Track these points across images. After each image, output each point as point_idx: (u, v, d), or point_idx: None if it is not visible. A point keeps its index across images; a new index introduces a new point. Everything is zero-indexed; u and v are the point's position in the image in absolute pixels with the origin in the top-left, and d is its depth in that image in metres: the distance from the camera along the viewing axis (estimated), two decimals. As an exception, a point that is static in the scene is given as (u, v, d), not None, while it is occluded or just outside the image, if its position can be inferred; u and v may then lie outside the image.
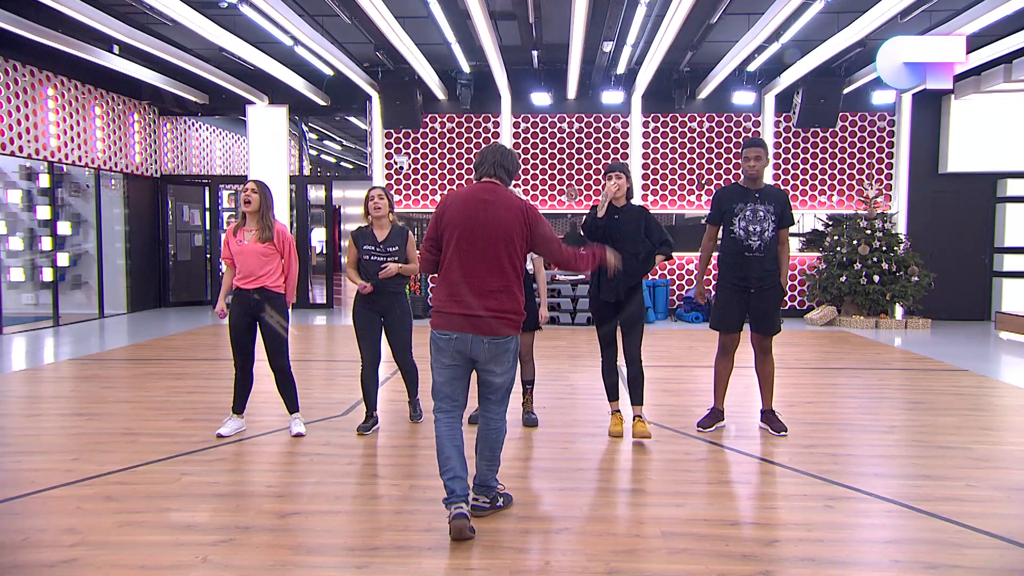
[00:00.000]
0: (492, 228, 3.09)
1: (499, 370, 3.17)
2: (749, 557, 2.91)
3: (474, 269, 3.09)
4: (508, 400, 3.31)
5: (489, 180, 3.23)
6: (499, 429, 3.28)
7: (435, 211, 3.24)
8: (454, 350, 3.11)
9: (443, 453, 3.14)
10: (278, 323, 4.49)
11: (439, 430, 3.19)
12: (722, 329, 4.68)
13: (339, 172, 21.50)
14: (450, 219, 3.14)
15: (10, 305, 10.09)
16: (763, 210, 4.51)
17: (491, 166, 3.23)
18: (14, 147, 9.19)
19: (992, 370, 7.17)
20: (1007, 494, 3.64)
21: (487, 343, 3.09)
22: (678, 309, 11.42)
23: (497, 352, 3.11)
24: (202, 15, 7.93)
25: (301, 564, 2.85)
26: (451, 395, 3.20)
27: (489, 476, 3.30)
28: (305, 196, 12.42)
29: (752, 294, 4.56)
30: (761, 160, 4.51)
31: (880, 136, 11.45)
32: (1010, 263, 11.31)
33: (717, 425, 4.82)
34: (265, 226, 4.46)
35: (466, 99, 11.14)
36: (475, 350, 3.10)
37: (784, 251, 4.64)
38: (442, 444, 3.16)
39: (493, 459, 3.29)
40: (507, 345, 3.13)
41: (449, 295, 3.12)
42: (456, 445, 3.15)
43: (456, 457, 3.12)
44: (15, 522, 3.24)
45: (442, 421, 3.20)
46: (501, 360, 3.15)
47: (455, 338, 3.09)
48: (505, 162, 3.24)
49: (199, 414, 5.14)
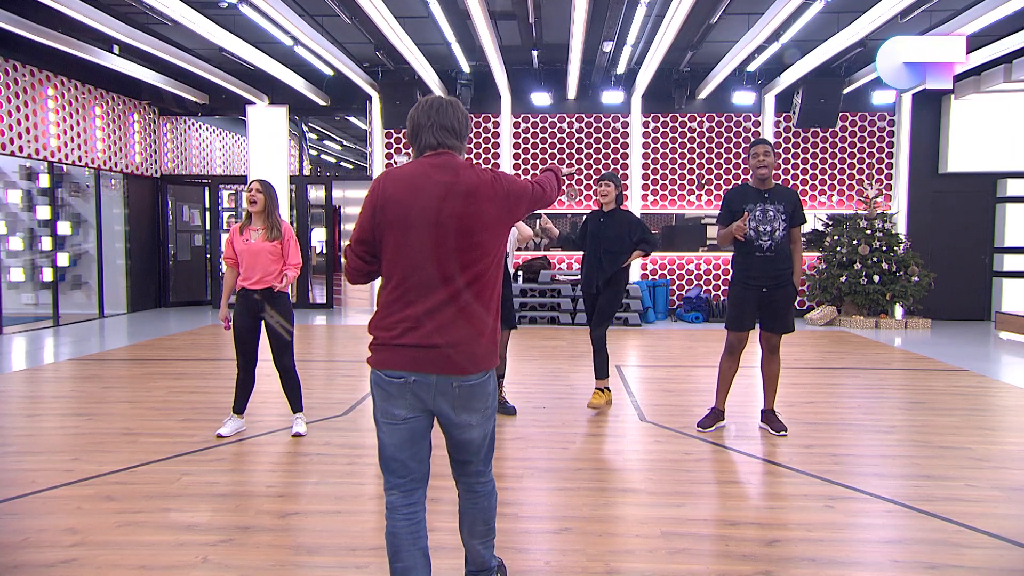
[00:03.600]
0: (462, 218, 2.14)
1: (476, 420, 2.24)
2: (749, 557, 2.91)
3: (439, 279, 2.14)
4: (492, 454, 2.41)
5: (435, 152, 2.24)
6: (490, 494, 2.41)
7: (366, 201, 2.23)
8: (412, 397, 2.16)
9: (400, 561, 2.19)
10: (280, 324, 4.49)
11: (394, 526, 2.21)
12: (733, 327, 4.68)
13: (339, 172, 21.51)
14: (394, 212, 2.16)
15: (10, 305, 10.09)
16: (773, 210, 4.52)
17: (432, 132, 2.23)
18: (14, 147, 9.19)
19: (992, 370, 7.17)
20: (1007, 494, 3.64)
21: (458, 385, 2.16)
22: (678, 309, 11.42)
23: (471, 396, 2.19)
24: (202, 15, 7.93)
25: (301, 564, 2.85)
26: (407, 464, 2.22)
27: (487, 555, 2.48)
28: (305, 196, 12.43)
29: (764, 293, 4.56)
30: (770, 156, 4.52)
31: (880, 136, 11.45)
32: (1010, 263, 11.31)
33: (717, 425, 4.83)
34: (272, 225, 4.47)
35: (466, 99, 11.14)
36: (440, 396, 2.16)
37: (797, 250, 4.65)
38: (399, 547, 2.20)
39: (489, 532, 2.44)
40: (484, 386, 2.22)
41: (403, 320, 2.15)
42: (420, 548, 2.23)
43: (422, 566, 2.22)
44: (15, 522, 3.24)
45: (398, 511, 2.22)
46: (477, 406, 2.22)
47: (412, 381, 2.14)
48: (449, 121, 2.24)
49: (199, 414, 5.14)
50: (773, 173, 4.59)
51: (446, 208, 2.14)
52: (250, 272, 4.44)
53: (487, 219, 2.18)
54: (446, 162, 2.22)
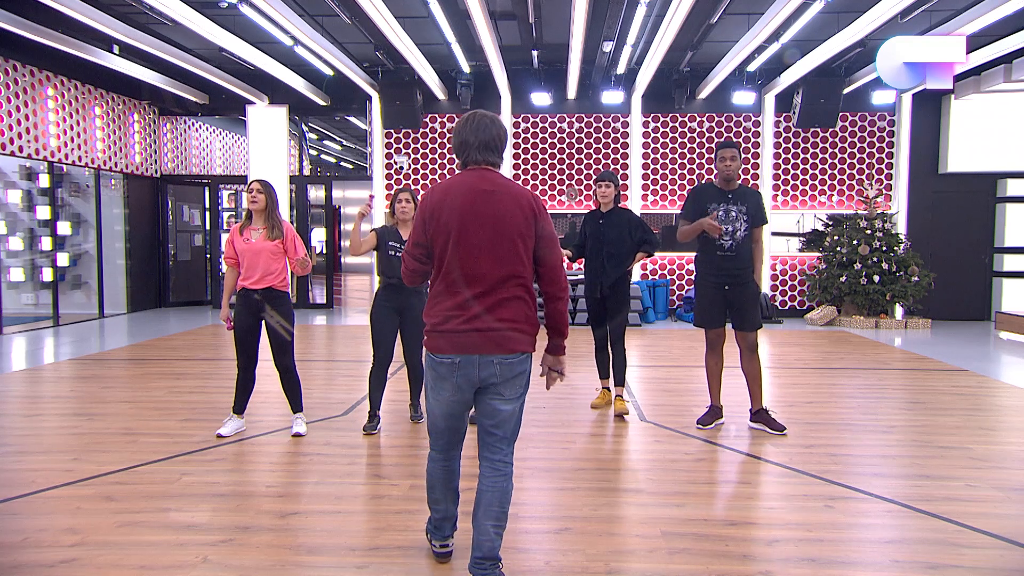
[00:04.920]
0: (501, 224, 2.54)
1: (509, 395, 2.61)
2: (749, 557, 2.91)
3: (483, 274, 2.55)
4: (518, 435, 2.74)
5: (478, 167, 2.64)
6: (509, 477, 2.66)
7: (419, 211, 2.65)
8: (460, 377, 2.57)
9: (435, 492, 2.79)
10: (280, 324, 4.50)
11: (433, 470, 2.78)
12: (705, 325, 4.81)
13: (339, 172, 21.51)
14: (445, 219, 2.56)
15: (10, 305, 10.10)
16: (735, 210, 4.63)
17: (478, 150, 2.62)
18: (14, 147, 9.19)
19: (992, 370, 7.17)
20: (1007, 494, 3.64)
21: (498, 363, 2.56)
22: (678, 309, 11.42)
23: (511, 374, 2.59)
24: (202, 15, 7.93)
25: (301, 564, 2.85)
26: (450, 435, 2.72)
27: (498, 543, 2.62)
28: (305, 196, 12.43)
29: (727, 291, 4.67)
30: (736, 160, 4.64)
31: (880, 136, 11.45)
32: (1010, 263, 11.31)
33: (716, 422, 4.85)
34: (273, 224, 4.48)
35: (466, 99, 11.14)
36: (484, 373, 2.57)
37: (758, 249, 4.74)
38: (434, 484, 2.78)
39: (502, 517, 2.63)
40: (524, 364, 2.63)
41: (450, 309, 2.57)
42: (452, 488, 2.80)
43: (451, 499, 2.81)
44: (15, 522, 3.24)
45: (437, 461, 2.77)
46: (514, 383, 2.61)
47: (459, 361, 2.55)
48: (492, 140, 2.63)
49: (199, 414, 5.14)
50: (738, 175, 4.69)
51: (484, 213, 2.56)
52: (251, 272, 4.44)
53: (521, 221, 2.58)
54: (490, 176, 2.63)
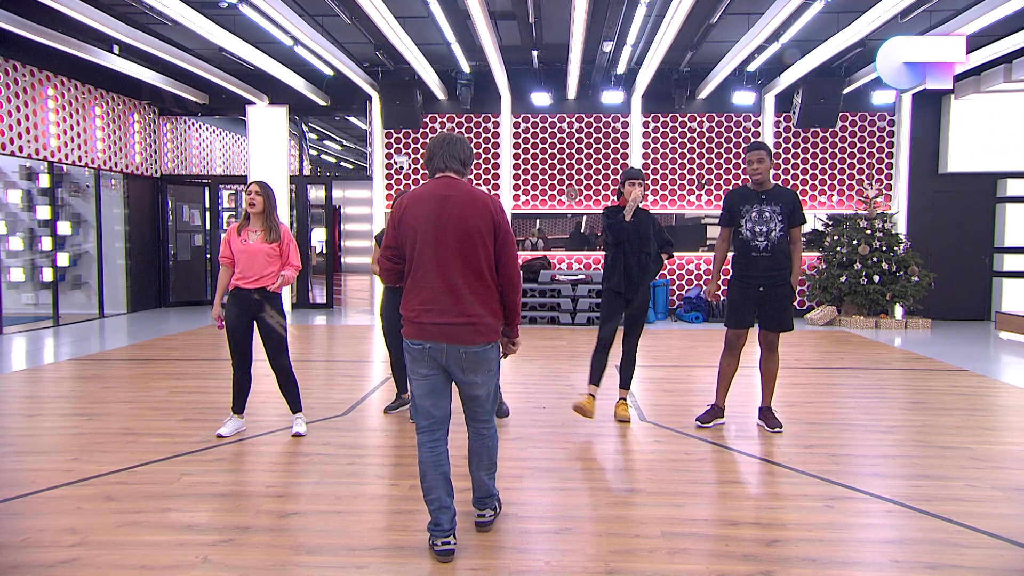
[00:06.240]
0: (459, 225, 2.82)
1: (480, 379, 2.92)
2: (749, 557, 2.91)
3: (445, 272, 2.82)
4: (495, 406, 3.11)
5: (443, 175, 2.96)
6: (492, 436, 3.09)
7: (391, 216, 2.96)
8: (429, 359, 2.88)
9: (426, 481, 2.93)
10: (277, 323, 4.50)
11: (422, 455, 2.94)
12: (731, 325, 4.76)
13: (339, 172, 21.51)
14: (411, 223, 2.86)
15: (10, 305, 10.09)
16: (769, 211, 4.59)
17: (442, 159, 2.95)
18: (14, 147, 9.19)
19: (992, 370, 7.17)
20: (1007, 494, 3.64)
21: (463, 352, 2.84)
22: (678, 309, 11.42)
23: (476, 361, 2.88)
24: (202, 15, 7.93)
25: (301, 564, 2.85)
26: (430, 410, 2.94)
27: (491, 484, 3.14)
28: (305, 196, 12.42)
29: (762, 292, 4.63)
30: (764, 163, 4.60)
31: (880, 136, 11.45)
32: (1010, 263, 11.31)
33: (716, 422, 4.85)
34: (271, 227, 4.49)
35: (466, 99, 11.14)
36: (450, 361, 2.86)
37: (796, 250, 4.70)
38: (425, 471, 2.93)
39: (492, 466, 3.12)
40: (487, 354, 2.90)
41: (421, 303, 2.85)
42: (442, 472, 2.94)
43: (442, 486, 2.92)
44: (15, 522, 3.24)
45: (424, 444, 2.95)
46: (480, 369, 2.90)
47: (428, 347, 2.85)
48: (457, 152, 2.96)
49: (199, 414, 5.14)
50: (772, 175, 4.63)
51: (446, 215, 2.84)
52: (247, 272, 4.45)
53: (478, 221, 2.85)
54: (450, 182, 2.93)
